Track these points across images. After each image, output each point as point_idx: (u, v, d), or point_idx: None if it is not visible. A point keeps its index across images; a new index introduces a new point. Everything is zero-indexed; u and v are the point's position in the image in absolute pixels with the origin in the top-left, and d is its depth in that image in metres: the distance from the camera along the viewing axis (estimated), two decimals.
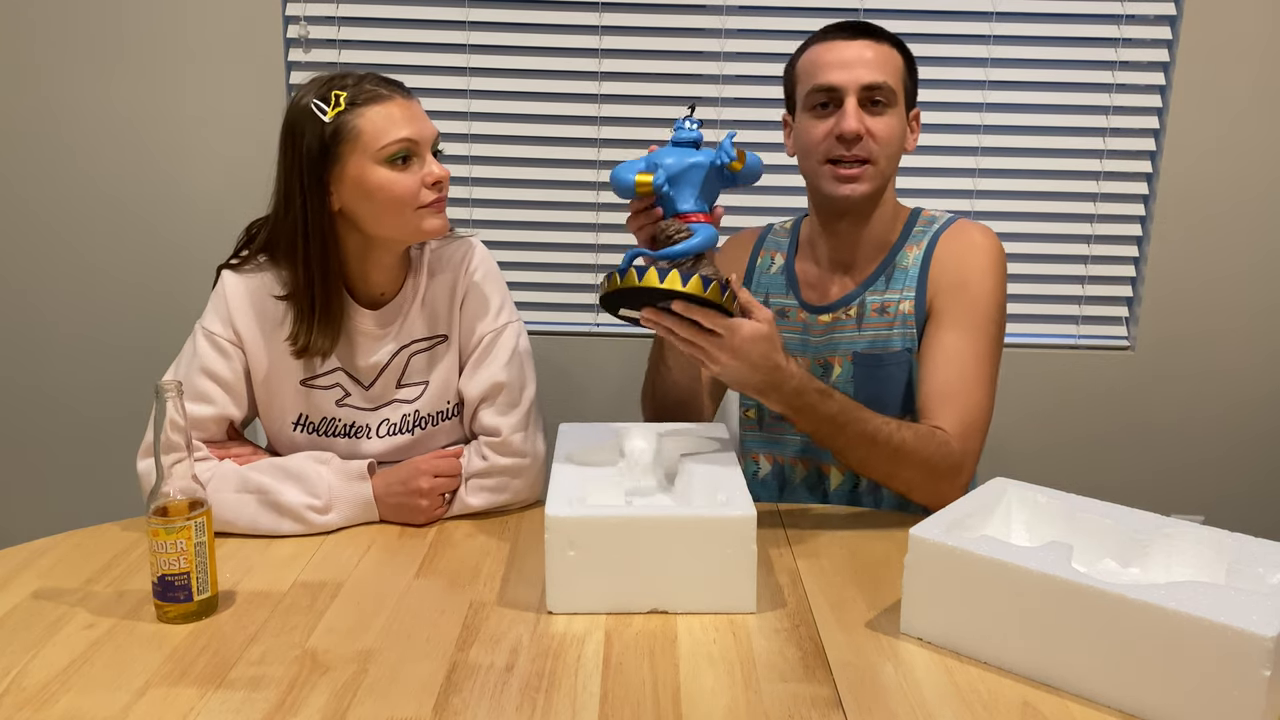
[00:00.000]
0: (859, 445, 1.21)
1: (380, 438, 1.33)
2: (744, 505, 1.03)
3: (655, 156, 1.14)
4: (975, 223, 1.38)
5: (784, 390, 1.15)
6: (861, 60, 1.29)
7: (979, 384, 1.29)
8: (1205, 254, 2.07)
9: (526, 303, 2.13)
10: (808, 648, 0.97)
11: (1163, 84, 2.02)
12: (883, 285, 1.37)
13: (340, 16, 2.01)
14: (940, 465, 1.23)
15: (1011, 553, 0.92)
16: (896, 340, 1.35)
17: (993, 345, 1.32)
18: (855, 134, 1.28)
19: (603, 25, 2.01)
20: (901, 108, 1.33)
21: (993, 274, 1.33)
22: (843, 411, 1.19)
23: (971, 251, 1.34)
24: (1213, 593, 0.84)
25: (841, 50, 1.31)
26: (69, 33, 1.99)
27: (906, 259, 1.37)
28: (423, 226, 1.23)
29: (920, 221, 1.40)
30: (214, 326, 1.27)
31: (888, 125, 1.30)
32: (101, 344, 2.12)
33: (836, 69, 1.30)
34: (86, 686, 0.90)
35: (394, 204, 1.21)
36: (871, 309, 1.37)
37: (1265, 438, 2.15)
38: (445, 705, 0.88)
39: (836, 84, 1.29)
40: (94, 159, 2.05)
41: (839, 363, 1.38)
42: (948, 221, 1.39)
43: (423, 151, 1.22)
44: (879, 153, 1.30)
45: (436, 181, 1.22)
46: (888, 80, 1.30)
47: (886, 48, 1.32)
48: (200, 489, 1.02)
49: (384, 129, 1.19)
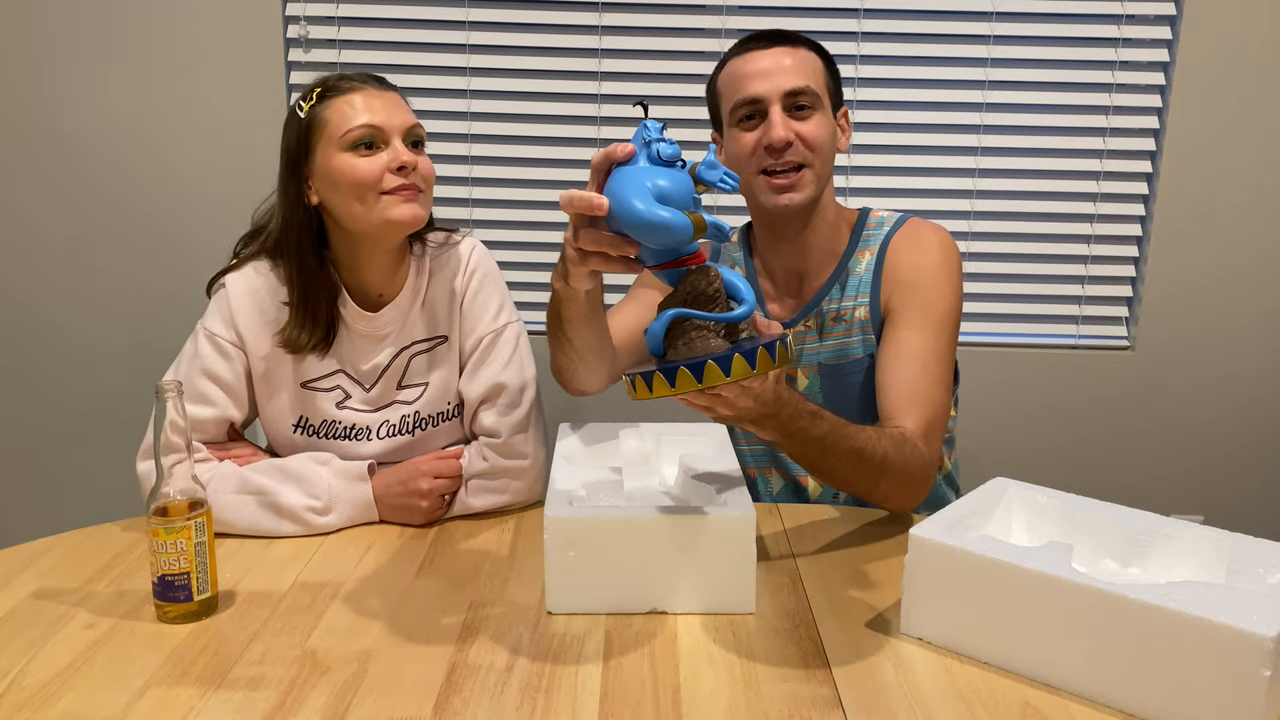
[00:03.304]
0: (846, 463, 1.15)
1: (380, 439, 1.33)
2: (743, 505, 1.02)
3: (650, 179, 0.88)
4: (928, 221, 1.37)
5: (781, 419, 1.06)
6: (780, 67, 1.29)
7: (939, 384, 1.27)
8: (1205, 254, 2.07)
9: (526, 303, 2.12)
10: (808, 648, 0.97)
11: (1163, 84, 2.02)
12: (838, 293, 1.36)
13: (340, 16, 2.01)
14: (917, 472, 1.21)
15: (1011, 553, 0.92)
16: (857, 348, 1.34)
17: (950, 344, 1.31)
18: (784, 141, 1.27)
19: (603, 25, 2.01)
20: (828, 109, 1.32)
21: (946, 271, 1.32)
22: (831, 432, 1.12)
23: (924, 250, 1.33)
24: (1213, 593, 0.84)
25: (758, 60, 1.30)
26: (69, 32, 1.99)
27: (859, 265, 1.36)
28: (388, 214, 1.21)
29: (869, 224, 1.38)
30: (216, 328, 1.27)
31: (816, 127, 1.29)
32: (102, 344, 2.12)
33: (757, 79, 1.29)
34: (86, 686, 0.90)
35: (356, 189, 1.20)
36: (829, 318, 1.36)
37: (1265, 438, 2.15)
38: (445, 705, 0.88)
39: (759, 94, 1.29)
40: (94, 159, 2.05)
41: (804, 374, 1.38)
42: (899, 221, 1.37)
43: (389, 139, 1.21)
44: (812, 156, 1.29)
45: (402, 166, 1.20)
46: (809, 84, 1.28)
47: (804, 52, 1.32)
48: (200, 489, 1.02)
49: (347, 116, 1.20)
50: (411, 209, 1.22)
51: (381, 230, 1.23)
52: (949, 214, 2.07)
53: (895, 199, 2.07)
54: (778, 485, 1.43)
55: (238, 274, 1.28)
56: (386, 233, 1.24)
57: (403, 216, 1.22)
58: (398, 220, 1.22)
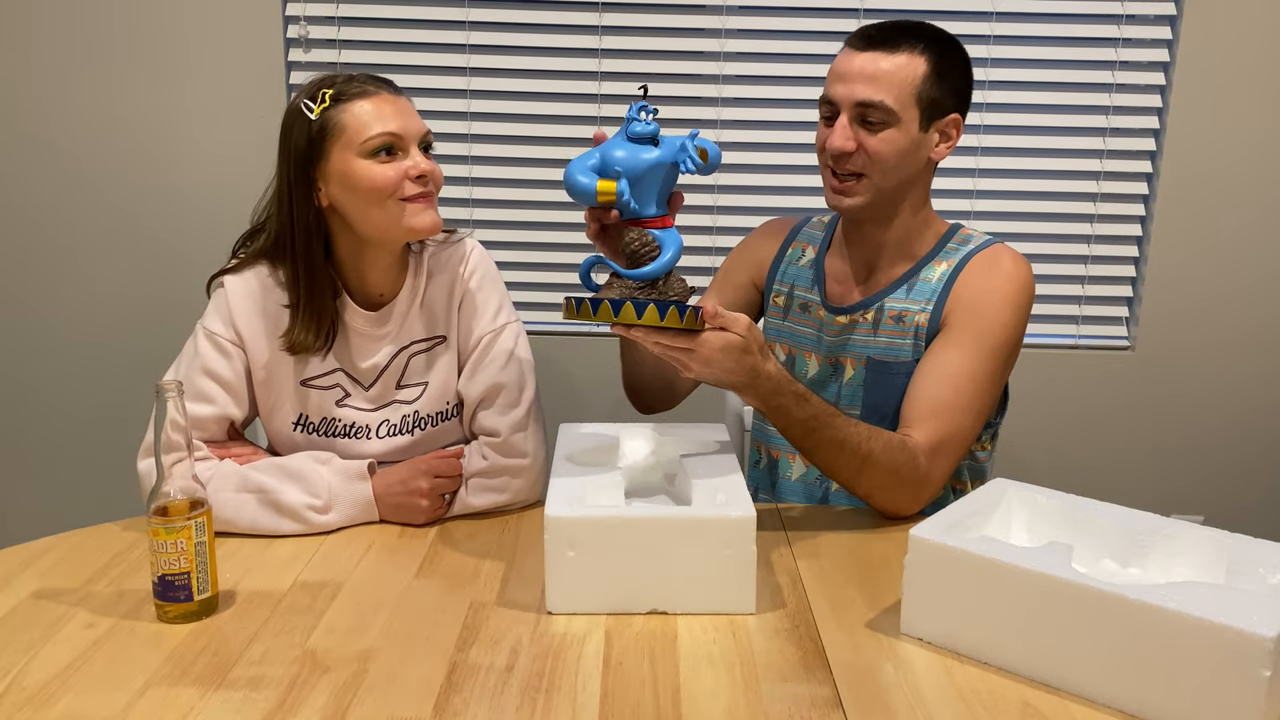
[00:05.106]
0: (827, 450, 1.19)
1: (380, 438, 1.33)
2: (743, 506, 1.02)
3: (607, 151, 1.07)
4: (1011, 250, 1.35)
5: (759, 391, 1.13)
6: (863, 75, 1.27)
7: (969, 409, 1.26)
8: (1205, 254, 2.07)
9: (526, 303, 2.13)
10: (808, 648, 0.97)
11: (1163, 84, 2.02)
12: (903, 294, 1.35)
13: (340, 16, 2.01)
14: (905, 477, 1.21)
15: (1011, 553, 0.92)
16: (907, 350, 1.34)
17: (995, 374, 1.28)
18: (841, 152, 1.28)
19: (603, 25, 2.01)
20: (910, 123, 1.28)
21: (1014, 304, 1.30)
22: (815, 417, 1.17)
23: (999, 277, 1.31)
24: (1213, 593, 0.84)
25: (851, 60, 1.28)
26: (69, 33, 1.99)
27: (933, 273, 1.35)
28: (408, 222, 1.22)
29: (955, 239, 1.38)
30: (215, 326, 1.27)
31: (882, 142, 1.27)
32: (102, 344, 2.12)
33: (837, 81, 1.29)
34: (86, 686, 0.90)
35: (375, 196, 1.20)
36: (889, 316, 1.35)
37: (1265, 438, 2.15)
38: (445, 705, 0.88)
39: (833, 98, 1.29)
40: (93, 159, 2.05)
41: (851, 365, 1.38)
42: (984, 244, 1.36)
43: (407, 146, 1.22)
44: (872, 168, 1.28)
45: (421, 174, 1.21)
46: (885, 99, 1.25)
47: (904, 57, 1.27)
48: (200, 489, 1.02)
49: (367, 123, 1.20)
50: (431, 216, 1.24)
51: (397, 236, 1.25)
52: (949, 214, 2.06)
53: None
54: (798, 471, 1.43)
55: (236, 276, 1.28)
56: (402, 238, 1.26)
57: (424, 224, 1.23)
58: (419, 228, 1.23)
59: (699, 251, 2.10)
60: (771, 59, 2.03)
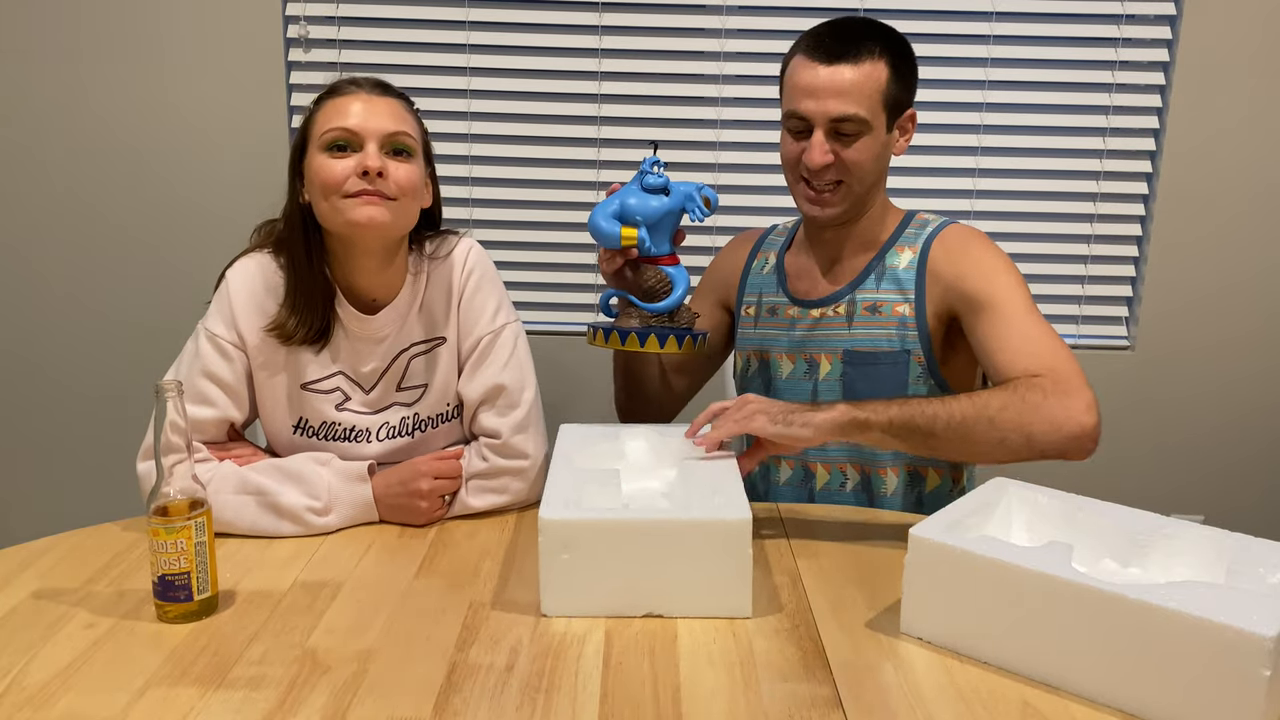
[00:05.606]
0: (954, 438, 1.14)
1: (380, 441, 1.33)
2: (739, 508, 1.02)
3: (625, 200, 1.28)
4: (963, 224, 1.39)
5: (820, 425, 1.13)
6: (833, 89, 1.27)
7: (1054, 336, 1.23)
8: (1205, 254, 2.07)
9: (526, 303, 2.13)
10: (807, 648, 0.97)
11: (1163, 84, 2.02)
12: (873, 284, 1.37)
13: (340, 16, 2.01)
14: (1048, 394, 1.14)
15: (1011, 553, 0.92)
16: (893, 341, 1.34)
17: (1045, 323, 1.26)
18: (821, 166, 1.30)
19: (603, 25, 2.02)
20: (879, 128, 1.30)
21: (1001, 258, 1.31)
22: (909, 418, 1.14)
23: (972, 245, 1.33)
24: (1213, 593, 0.84)
25: (817, 75, 1.28)
26: (68, 33, 1.99)
27: (898, 259, 1.36)
28: (347, 215, 1.20)
29: (913, 224, 1.40)
30: (217, 328, 1.27)
31: (858, 152, 1.30)
32: (102, 344, 2.12)
33: (808, 97, 1.29)
34: (86, 686, 0.90)
35: (322, 189, 1.21)
36: (863, 308, 1.36)
37: (1266, 437, 2.15)
38: (445, 705, 0.88)
39: (805, 114, 1.30)
40: (93, 160, 2.05)
41: (827, 359, 1.38)
42: (940, 225, 1.38)
43: (363, 143, 1.21)
44: (850, 176, 1.31)
45: (366, 171, 1.19)
46: (859, 110, 1.27)
47: (869, 66, 1.28)
48: (200, 489, 1.02)
49: (328, 118, 1.22)
50: (369, 211, 1.20)
51: (344, 231, 1.23)
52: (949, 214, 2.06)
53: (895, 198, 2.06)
54: (785, 474, 1.43)
55: (239, 267, 1.29)
56: (351, 234, 1.23)
57: (358, 218, 1.20)
58: (354, 221, 1.20)
59: (699, 251, 2.10)
60: (772, 59, 2.03)
